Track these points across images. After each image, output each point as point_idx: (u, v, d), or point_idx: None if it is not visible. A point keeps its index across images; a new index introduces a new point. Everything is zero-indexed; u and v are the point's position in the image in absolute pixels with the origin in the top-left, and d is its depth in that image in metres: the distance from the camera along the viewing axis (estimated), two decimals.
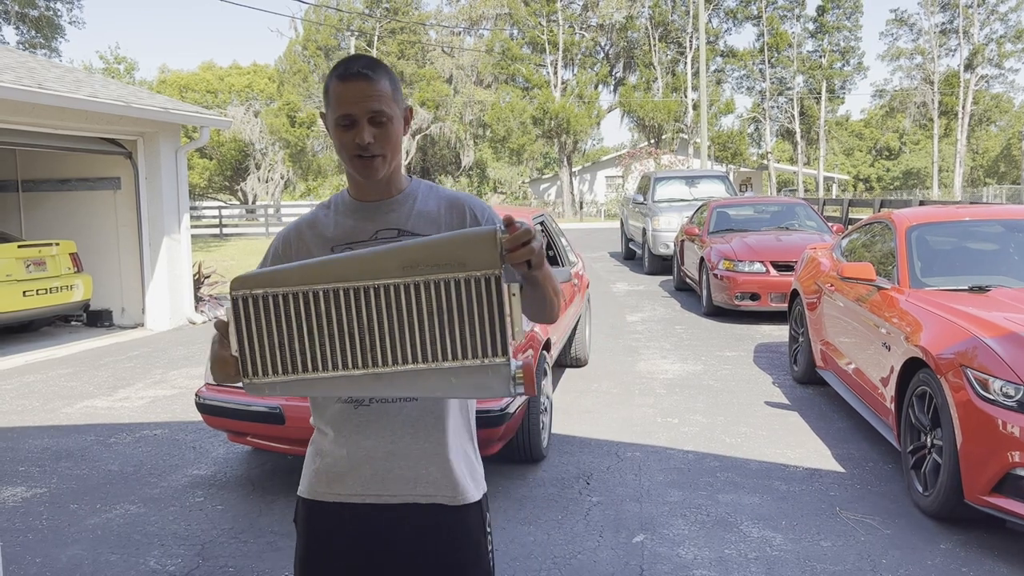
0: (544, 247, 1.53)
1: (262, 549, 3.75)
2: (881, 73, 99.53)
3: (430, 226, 1.74)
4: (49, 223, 10.23)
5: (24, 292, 8.65)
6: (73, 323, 10.37)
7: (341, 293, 1.43)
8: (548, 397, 5.12)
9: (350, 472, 1.71)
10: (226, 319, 1.48)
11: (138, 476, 4.79)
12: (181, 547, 3.80)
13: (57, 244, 9.17)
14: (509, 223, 1.45)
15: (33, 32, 32.38)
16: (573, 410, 5.94)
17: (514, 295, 1.44)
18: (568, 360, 7.22)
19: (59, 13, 32.79)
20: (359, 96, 1.64)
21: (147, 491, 4.54)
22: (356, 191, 1.78)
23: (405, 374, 1.41)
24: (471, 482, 1.74)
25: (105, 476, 4.81)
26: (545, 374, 5.06)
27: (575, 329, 6.93)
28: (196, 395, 4.48)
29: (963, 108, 43.83)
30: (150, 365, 7.97)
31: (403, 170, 1.81)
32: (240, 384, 1.49)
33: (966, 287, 4.73)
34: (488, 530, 1.78)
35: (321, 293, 1.44)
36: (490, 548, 1.79)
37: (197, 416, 4.70)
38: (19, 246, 8.83)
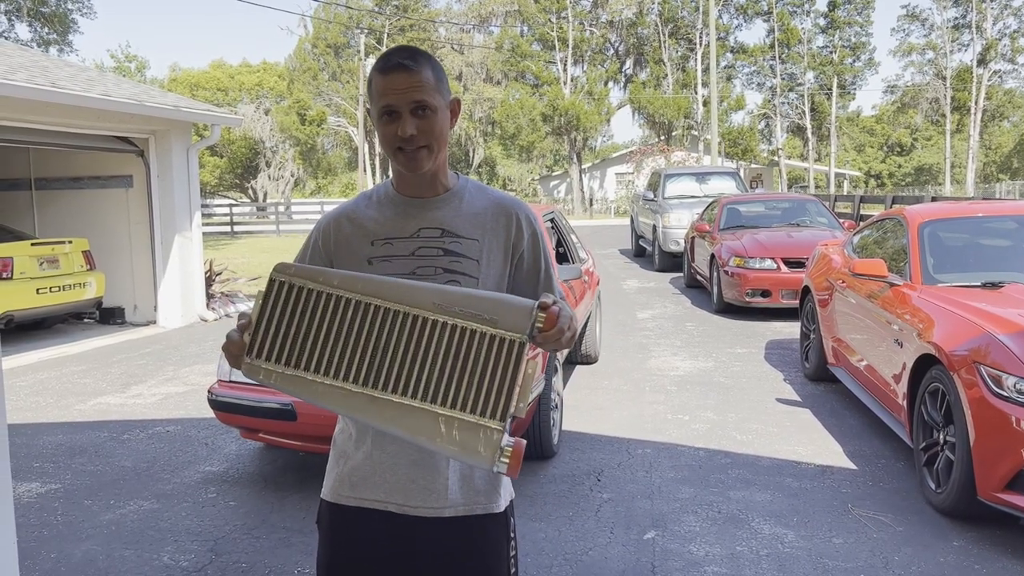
0: (574, 337, 1.52)
1: (274, 545, 3.77)
2: (893, 69, 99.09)
3: (475, 227, 1.71)
4: (62, 221, 10.29)
5: (37, 290, 8.71)
6: (86, 320, 10.43)
7: (372, 308, 1.46)
8: (559, 394, 5.12)
9: (373, 477, 1.68)
10: (250, 314, 1.51)
11: (151, 472, 4.82)
12: (194, 543, 3.83)
13: (70, 242, 9.23)
14: (545, 308, 1.47)
15: (46, 29, 32.55)
16: (583, 407, 5.94)
17: (530, 372, 1.45)
18: (578, 357, 7.22)
19: (71, 9, 32.96)
20: (400, 87, 1.60)
21: (160, 487, 4.57)
22: (401, 185, 1.74)
23: (398, 406, 1.40)
24: (496, 491, 1.72)
25: (119, 472, 4.84)
26: (556, 371, 5.06)
27: (585, 326, 6.92)
28: (209, 392, 4.50)
29: (976, 103, 43.52)
30: (162, 362, 8.01)
31: (449, 168, 1.78)
32: (241, 368, 1.50)
33: (979, 283, 4.71)
34: (512, 536, 1.76)
35: (354, 302, 1.47)
36: (513, 554, 1.76)
37: (210, 413, 4.73)
38: (32, 244, 8.89)
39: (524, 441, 1.38)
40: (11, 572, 2.22)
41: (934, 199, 14.32)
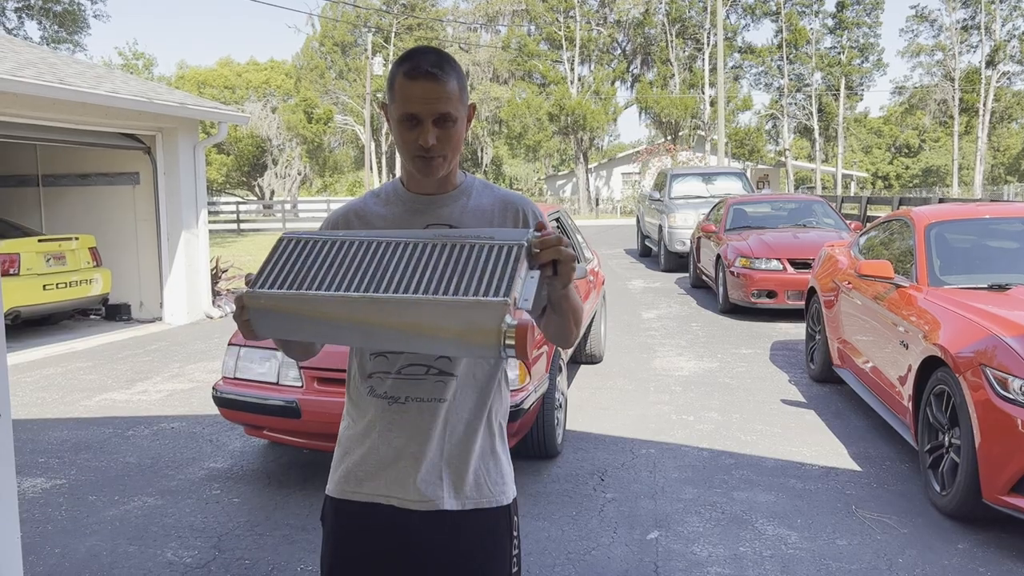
0: (574, 260, 1.53)
1: (277, 542, 3.77)
2: (901, 70, 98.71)
3: (482, 224, 1.72)
4: (69, 217, 10.33)
5: (44, 286, 8.74)
6: (92, 317, 10.47)
7: (374, 244, 1.50)
8: (563, 393, 5.12)
9: (378, 472, 1.69)
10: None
11: (156, 468, 4.84)
12: (198, 539, 3.83)
13: (77, 238, 9.25)
14: (541, 227, 1.50)
15: (56, 27, 32.62)
16: (588, 407, 5.94)
17: (532, 278, 1.46)
18: (583, 356, 7.21)
19: (83, 7, 33.04)
20: (426, 97, 1.60)
21: (164, 483, 4.58)
22: (410, 183, 1.76)
23: (400, 301, 1.39)
24: (500, 487, 1.73)
25: (123, 468, 4.85)
26: (560, 370, 5.06)
27: (590, 326, 6.92)
28: (213, 389, 4.51)
29: (984, 105, 43.36)
30: (168, 359, 8.03)
31: (458, 166, 1.79)
32: (243, 299, 1.49)
33: (985, 285, 4.69)
34: (515, 534, 1.76)
35: (357, 242, 1.51)
36: (516, 551, 1.76)
37: (214, 409, 4.73)
38: (39, 240, 8.92)
39: (529, 321, 1.36)
40: (15, 567, 2.22)
41: (941, 201, 14.28)
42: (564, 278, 1.53)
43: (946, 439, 3.95)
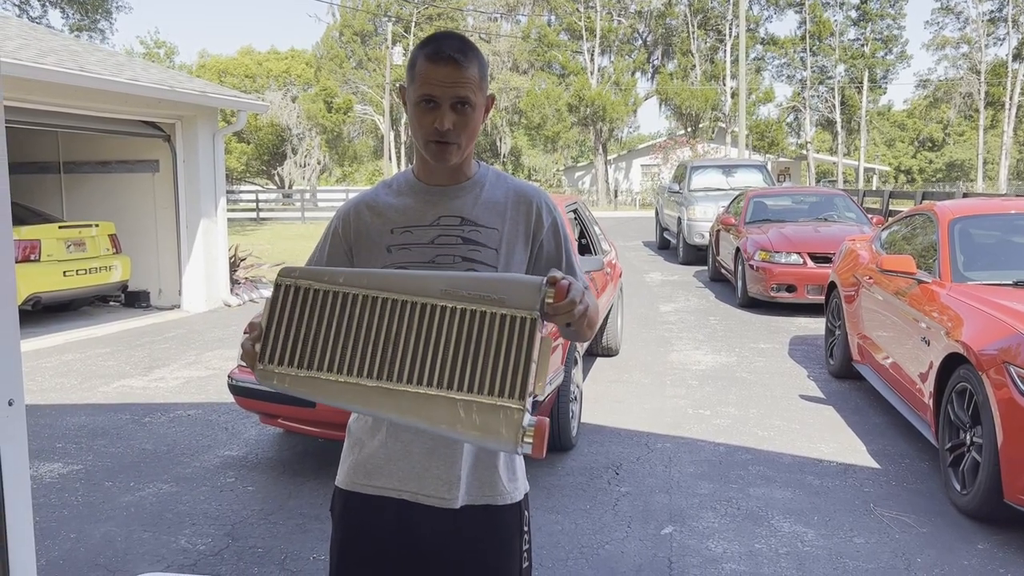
0: (587, 311, 1.48)
1: (291, 531, 3.78)
2: (925, 63, 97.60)
3: (494, 216, 1.69)
4: (89, 204, 10.39)
5: (64, 272, 8.80)
6: (111, 303, 10.54)
7: (379, 302, 1.46)
8: (578, 386, 5.09)
9: (388, 465, 1.67)
10: (259, 322, 1.51)
11: (171, 455, 4.86)
12: (211, 527, 3.84)
13: (97, 225, 9.31)
14: (554, 283, 1.43)
15: (80, 15, 32.80)
16: (603, 400, 5.91)
17: (546, 350, 1.42)
18: (599, 349, 7.18)
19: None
20: (446, 80, 1.59)
21: (180, 470, 4.60)
22: (423, 173, 1.73)
23: (415, 396, 1.39)
24: (511, 483, 1.70)
25: (139, 455, 4.88)
26: (576, 363, 5.03)
27: (607, 318, 6.88)
28: (229, 377, 4.52)
29: (1010, 99, 42.70)
30: (185, 346, 8.07)
31: (473, 156, 1.76)
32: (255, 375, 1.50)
33: (1010, 282, 4.61)
34: (526, 530, 1.74)
35: (360, 297, 1.46)
36: (526, 548, 1.74)
37: (230, 397, 4.74)
38: (60, 227, 8.98)
39: (547, 419, 1.37)
40: (28, 552, 2.23)
41: (966, 195, 14.09)
42: (577, 327, 1.49)
43: (967, 437, 3.89)
